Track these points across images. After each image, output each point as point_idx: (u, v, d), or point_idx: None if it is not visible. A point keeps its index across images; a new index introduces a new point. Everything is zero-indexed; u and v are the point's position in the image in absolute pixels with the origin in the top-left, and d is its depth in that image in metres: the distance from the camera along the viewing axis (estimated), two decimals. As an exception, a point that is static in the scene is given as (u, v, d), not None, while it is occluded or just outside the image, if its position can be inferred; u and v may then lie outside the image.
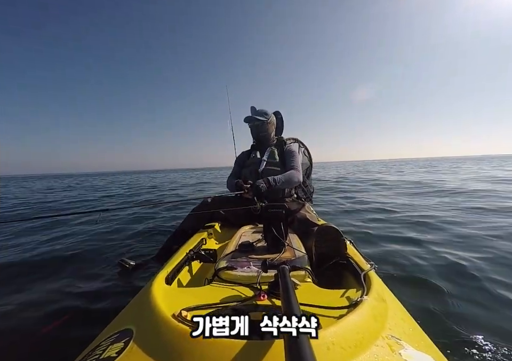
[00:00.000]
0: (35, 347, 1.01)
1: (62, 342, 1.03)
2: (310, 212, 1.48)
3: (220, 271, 0.84)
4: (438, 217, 2.90)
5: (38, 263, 1.94)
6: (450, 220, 2.74)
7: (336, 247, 0.95)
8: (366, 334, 0.48)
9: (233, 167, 1.94)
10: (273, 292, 0.65)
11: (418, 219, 2.81)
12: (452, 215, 2.97)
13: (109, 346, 0.50)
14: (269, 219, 1.05)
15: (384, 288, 0.77)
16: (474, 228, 2.40)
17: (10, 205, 5.67)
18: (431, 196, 4.57)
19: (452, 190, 5.00)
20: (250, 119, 1.74)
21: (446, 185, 5.85)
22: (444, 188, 5.29)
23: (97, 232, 2.82)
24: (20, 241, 2.59)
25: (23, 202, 6.26)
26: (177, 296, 0.69)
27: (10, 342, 1.05)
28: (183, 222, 1.64)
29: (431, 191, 5.11)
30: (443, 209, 3.33)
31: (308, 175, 2.10)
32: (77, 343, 0.70)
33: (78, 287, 1.50)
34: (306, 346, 0.33)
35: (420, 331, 0.60)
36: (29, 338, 1.06)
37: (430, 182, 6.78)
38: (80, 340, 0.68)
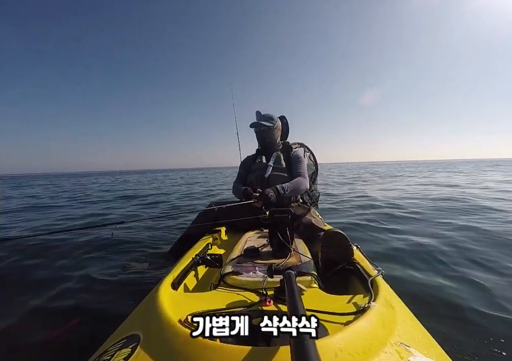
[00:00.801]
0: (43, 352, 1.02)
1: (67, 348, 1.03)
2: (316, 217, 1.47)
3: (226, 276, 0.84)
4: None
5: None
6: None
7: (343, 252, 0.94)
8: (374, 340, 0.47)
9: (238, 172, 1.93)
10: (279, 298, 0.65)
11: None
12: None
13: (116, 351, 0.51)
14: (274, 224, 1.05)
15: (392, 294, 0.75)
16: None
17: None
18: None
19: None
20: (257, 125, 1.74)
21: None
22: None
23: (102, 237, 2.84)
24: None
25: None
26: (184, 301, 0.69)
27: (17, 346, 1.07)
28: (189, 228, 1.65)
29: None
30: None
31: (313, 180, 2.09)
32: (83, 348, 0.71)
33: (84, 291, 1.51)
34: (313, 352, 0.33)
35: (429, 338, 0.59)
36: (37, 343, 1.07)
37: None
38: (87, 346, 0.69)
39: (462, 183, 7.33)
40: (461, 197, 4.66)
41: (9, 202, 6.71)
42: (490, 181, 7.75)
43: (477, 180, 8.47)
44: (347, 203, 4.63)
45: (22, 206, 5.72)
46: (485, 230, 2.49)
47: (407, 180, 9.95)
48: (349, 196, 5.57)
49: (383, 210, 3.83)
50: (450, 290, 1.39)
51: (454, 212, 3.44)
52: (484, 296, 1.33)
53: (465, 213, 3.39)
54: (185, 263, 0.98)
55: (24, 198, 7.71)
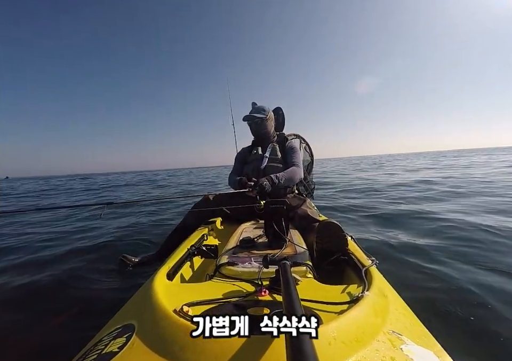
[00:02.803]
0: (35, 343, 1.02)
1: (62, 337, 1.04)
2: (311, 208, 1.48)
3: (221, 266, 0.84)
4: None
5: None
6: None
7: (338, 243, 0.95)
8: (367, 329, 0.48)
9: (234, 164, 1.92)
10: (274, 288, 0.65)
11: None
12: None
13: (111, 341, 0.51)
14: (270, 215, 1.05)
15: (385, 283, 0.77)
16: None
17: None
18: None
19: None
20: (250, 118, 1.72)
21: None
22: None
23: (98, 227, 2.83)
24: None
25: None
26: (179, 291, 0.69)
27: (14, 336, 1.07)
28: (185, 219, 1.65)
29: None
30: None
31: (309, 171, 2.09)
32: (77, 338, 0.71)
33: (79, 282, 1.51)
34: (307, 341, 0.33)
35: (421, 327, 0.60)
36: (30, 334, 1.07)
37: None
38: (81, 336, 0.69)
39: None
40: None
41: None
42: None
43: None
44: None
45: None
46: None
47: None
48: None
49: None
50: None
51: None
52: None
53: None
54: (180, 253, 0.98)
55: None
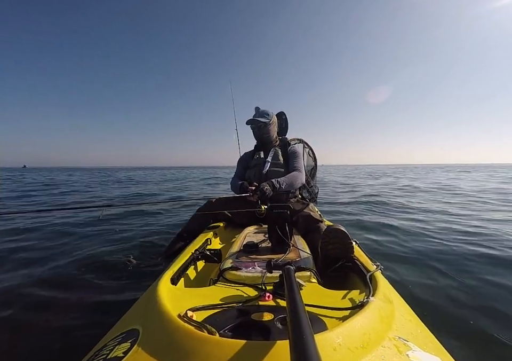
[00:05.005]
0: (40, 345, 1.02)
1: (66, 341, 1.03)
2: (314, 212, 1.48)
3: (225, 271, 0.84)
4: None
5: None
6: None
7: (344, 250, 0.94)
8: (372, 335, 0.47)
9: (236, 168, 1.94)
10: (278, 293, 0.65)
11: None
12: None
13: (115, 346, 0.51)
14: (273, 220, 1.05)
15: (390, 289, 0.76)
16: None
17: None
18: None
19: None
20: (253, 122, 1.74)
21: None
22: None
23: (101, 230, 2.84)
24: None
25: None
26: (183, 296, 0.69)
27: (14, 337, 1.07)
28: (188, 223, 1.66)
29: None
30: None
31: (312, 176, 2.09)
32: (82, 343, 0.71)
33: (83, 286, 1.51)
34: (312, 347, 0.33)
35: (427, 333, 0.59)
36: (32, 335, 1.07)
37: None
38: (86, 340, 0.69)
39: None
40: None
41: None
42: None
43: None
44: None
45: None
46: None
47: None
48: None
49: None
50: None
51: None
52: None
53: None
54: (184, 258, 0.98)
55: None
